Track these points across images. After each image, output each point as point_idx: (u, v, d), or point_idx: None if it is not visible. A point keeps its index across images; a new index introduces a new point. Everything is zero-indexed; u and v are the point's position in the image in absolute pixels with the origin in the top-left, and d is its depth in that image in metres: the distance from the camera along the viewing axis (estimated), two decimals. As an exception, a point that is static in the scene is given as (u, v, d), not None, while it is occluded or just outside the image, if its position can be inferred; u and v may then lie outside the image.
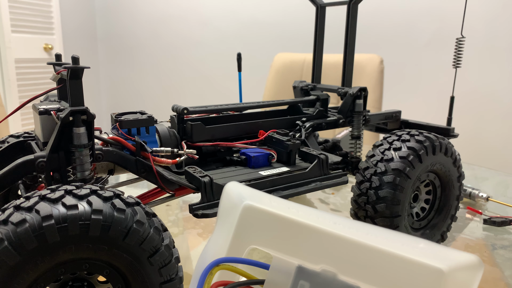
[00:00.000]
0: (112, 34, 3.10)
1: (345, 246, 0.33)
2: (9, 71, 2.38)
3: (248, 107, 0.76)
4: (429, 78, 2.15)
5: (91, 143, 0.50)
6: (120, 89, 3.20)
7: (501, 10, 1.94)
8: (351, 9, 0.82)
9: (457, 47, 0.82)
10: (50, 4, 2.62)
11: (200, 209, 0.54)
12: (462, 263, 0.30)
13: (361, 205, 0.66)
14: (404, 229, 0.66)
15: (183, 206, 0.92)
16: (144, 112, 0.62)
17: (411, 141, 0.65)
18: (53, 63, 0.58)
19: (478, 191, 0.94)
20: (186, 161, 0.62)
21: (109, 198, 0.40)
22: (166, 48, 2.92)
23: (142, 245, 0.40)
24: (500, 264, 0.71)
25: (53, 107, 0.52)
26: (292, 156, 0.67)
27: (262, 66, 2.20)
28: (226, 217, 0.38)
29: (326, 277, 0.33)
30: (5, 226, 0.37)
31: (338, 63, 0.94)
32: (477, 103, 2.05)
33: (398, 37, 2.19)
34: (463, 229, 0.84)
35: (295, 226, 0.35)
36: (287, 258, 0.35)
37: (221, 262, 0.35)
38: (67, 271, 0.40)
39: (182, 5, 2.80)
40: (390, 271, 0.31)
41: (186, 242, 0.77)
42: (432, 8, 2.08)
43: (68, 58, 0.50)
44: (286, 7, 2.46)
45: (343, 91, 0.82)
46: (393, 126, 0.90)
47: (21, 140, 0.62)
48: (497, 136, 2.05)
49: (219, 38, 2.72)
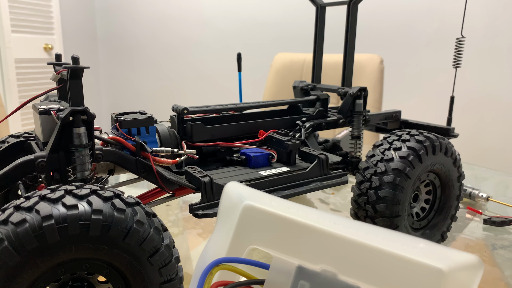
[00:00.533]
0: (112, 34, 3.10)
1: (345, 246, 0.33)
2: (9, 71, 2.38)
3: (248, 107, 0.76)
4: (429, 78, 2.15)
5: (91, 143, 0.50)
6: (120, 89, 3.20)
7: (501, 10, 1.94)
8: (351, 9, 0.82)
9: (457, 47, 0.82)
10: (50, 4, 2.62)
11: (200, 209, 0.54)
12: (462, 263, 0.30)
13: (361, 205, 0.66)
14: (404, 229, 0.66)
15: (183, 206, 0.92)
16: (144, 112, 0.62)
17: (411, 141, 0.65)
18: (53, 63, 0.58)
19: (478, 191, 0.94)
20: (186, 161, 0.62)
21: (109, 198, 0.40)
22: (166, 48, 2.92)
23: (142, 245, 0.40)
24: (500, 264, 0.71)
25: (53, 107, 0.52)
26: (292, 156, 0.67)
27: (262, 66, 2.20)
28: (226, 217, 0.38)
29: (326, 277, 0.33)
30: (5, 226, 0.37)
31: (338, 63, 0.94)
32: (477, 103, 2.05)
33: (398, 37, 2.19)
34: (463, 229, 0.84)
35: (295, 226, 0.35)
36: (287, 258, 0.35)
37: (221, 262, 0.35)
38: (67, 271, 0.40)
39: (182, 5, 2.80)
40: (390, 271, 0.31)
41: (186, 242, 0.77)
42: (432, 8, 2.08)
43: (68, 58, 0.50)
44: (286, 7, 2.46)
45: (343, 91, 0.82)
46: (393, 126, 0.90)
47: (21, 140, 0.61)
48: (497, 136, 2.05)
49: (219, 38, 2.72)
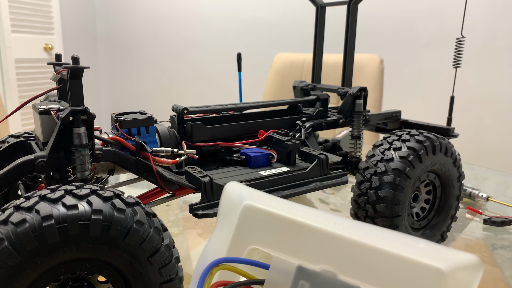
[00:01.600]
0: (112, 34, 3.10)
1: (345, 246, 0.33)
2: (9, 71, 2.38)
3: (248, 107, 0.76)
4: (429, 78, 2.15)
5: (91, 143, 0.50)
6: (120, 89, 3.20)
7: (501, 10, 1.94)
8: (351, 9, 0.82)
9: (457, 47, 0.82)
10: (50, 4, 2.62)
11: (200, 209, 0.54)
12: (462, 263, 0.30)
13: (361, 205, 0.66)
14: (404, 229, 0.66)
15: (183, 206, 0.92)
16: (144, 112, 0.62)
17: (411, 141, 0.65)
18: (53, 63, 0.58)
19: (478, 191, 0.94)
20: (186, 161, 0.62)
21: (109, 198, 0.40)
22: (166, 48, 2.92)
23: (142, 245, 0.40)
24: (500, 264, 0.71)
25: (53, 107, 0.52)
26: (292, 156, 0.66)
27: (262, 66, 2.20)
28: (226, 217, 0.38)
29: (326, 277, 0.33)
30: (5, 226, 0.37)
31: (338, 63, 0.94)
32: (477, 103, 2.05)
33: (398, 37, 2.19)
34: (463, 229, 0.84)
35: (295, 226, 0.35)
36: (287, 258, 0.35)
37: (221, 262, 0.35)
38: (67, 271, 0.40)
39: (182, 5, 2.80)
40: (390, 271, 0.31)
41: (186, 242, 0.77)
42: (432, 8, 2.08)
43: (68, 58, 0.50)
44: (286, 7, 2.46)
45: (343, 91, 0.82)
46: (393, 126, 0.90)
47: (21, 140, 0.61)
48: (497, 136, 2.05)
49: (219, 38, 2.71)
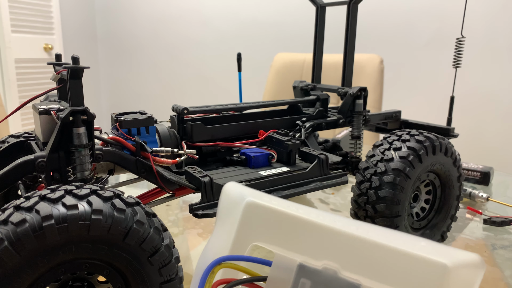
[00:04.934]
0: (112, 34, 3.10)
1: (348, 242, 0.33)
2: (9, 71, 2.38)
3: (248, 107, 0.76)
4: (429, 78, 2.15)
5: (91, 143, 0.50)
6: (120, 89, 3.20)
7: (501, 10, 1.94)
8: (351, 9, 0.82)
9: (457, 47, 0.82)
10: (50, 4, 2.62)
11: (200, 209, 0.54)
12: (465, 261, 0.30)
13: (361, 205, 0.66)
14: (404, 229, 0.66)
15: (183, 206, 0.92)
16: (144, 112, 0.62)
17: (411, 141, 0.65)
18: (53, 63, 0.58)
19: (478, 191, 0.94)
20: (186, 161, 0.62)
21: (109, 198, 0.40)
22: (166, 48, 2.92)
23: (142, 245, 0.40)
24: (500, 264, 0.71)
25: (53, 107, 0.52)
26: (292, 156, 0.66)
27: (262, 66, 2.20)
28: (226, 217, 0.38)
29: (327, 274, 0.33)
30: (5, 226, 0.37)
31: (338, 63, 0.94)
32: (477, 103, 2.05)
33: (398, 37, 2.19)
34: (463, 229, 0.84)
35: (298, 222, 0.35)
36: (289, 255, 0.35)
37: (223, 260, 0.35)
38: (67, 271, 0.40)
39: (182, 5, 2.80)
40: (393, 266, 0.31)
41: (186, 242, 0.77)
42: (432, 8, 2.08)
43: (68, 58, 0.50)
44: (286, 7, 2.46)
45: (343, 91, 0.82)
46: (393, 126, 0.90)
47: (21, 140, 0.61)
48: (497, 136, 2.05)
49: (219, 38, 2.71)
